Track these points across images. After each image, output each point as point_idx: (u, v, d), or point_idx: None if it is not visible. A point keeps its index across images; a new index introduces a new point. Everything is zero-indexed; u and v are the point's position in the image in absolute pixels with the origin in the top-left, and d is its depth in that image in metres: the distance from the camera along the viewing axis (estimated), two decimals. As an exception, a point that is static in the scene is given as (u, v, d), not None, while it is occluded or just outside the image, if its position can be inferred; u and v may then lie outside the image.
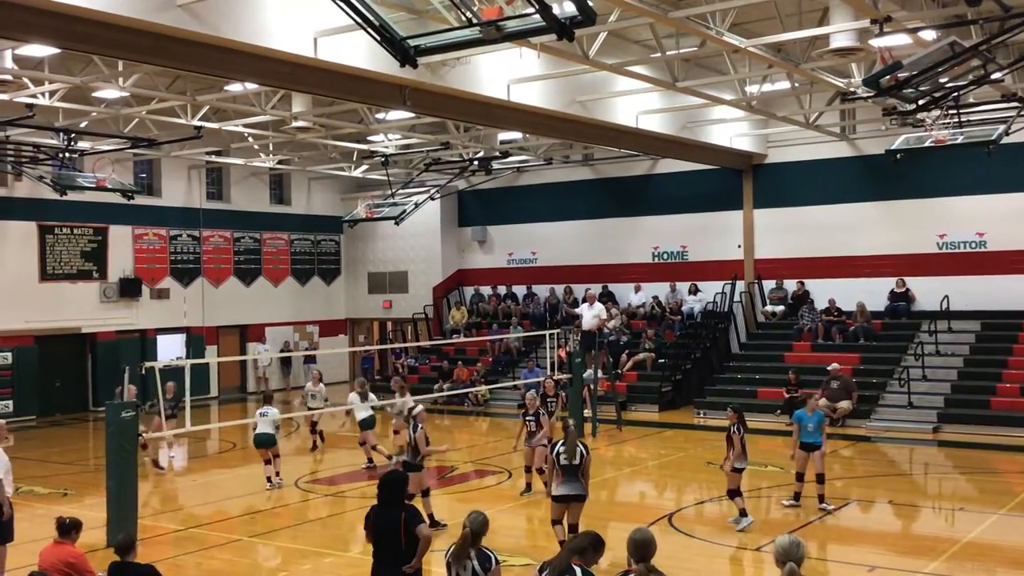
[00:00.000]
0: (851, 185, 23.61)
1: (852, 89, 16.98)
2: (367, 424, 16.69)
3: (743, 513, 12.09)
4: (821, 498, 12.91)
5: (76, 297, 24.98)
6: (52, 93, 17.46)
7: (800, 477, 13.07)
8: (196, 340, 27.32)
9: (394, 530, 7.08)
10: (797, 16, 15.18)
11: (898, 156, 18.20)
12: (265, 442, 15.24)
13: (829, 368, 20.51)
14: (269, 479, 15.24)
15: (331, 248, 31.89)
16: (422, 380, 26.81)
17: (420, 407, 12.98)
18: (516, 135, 23.50)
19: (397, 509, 7.21)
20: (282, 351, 28.71)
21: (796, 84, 18.54)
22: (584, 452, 10.35)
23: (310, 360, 28.43)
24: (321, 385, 18.64)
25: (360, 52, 12.95)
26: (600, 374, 21.12)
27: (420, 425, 12.28)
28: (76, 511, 10.16)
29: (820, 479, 12.94)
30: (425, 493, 12.27)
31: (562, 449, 10.33)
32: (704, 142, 22.50)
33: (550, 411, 15.01)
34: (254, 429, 15.58)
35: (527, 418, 14.11)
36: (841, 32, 13.63)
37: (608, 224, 27.36)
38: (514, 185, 28.82)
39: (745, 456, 12.19)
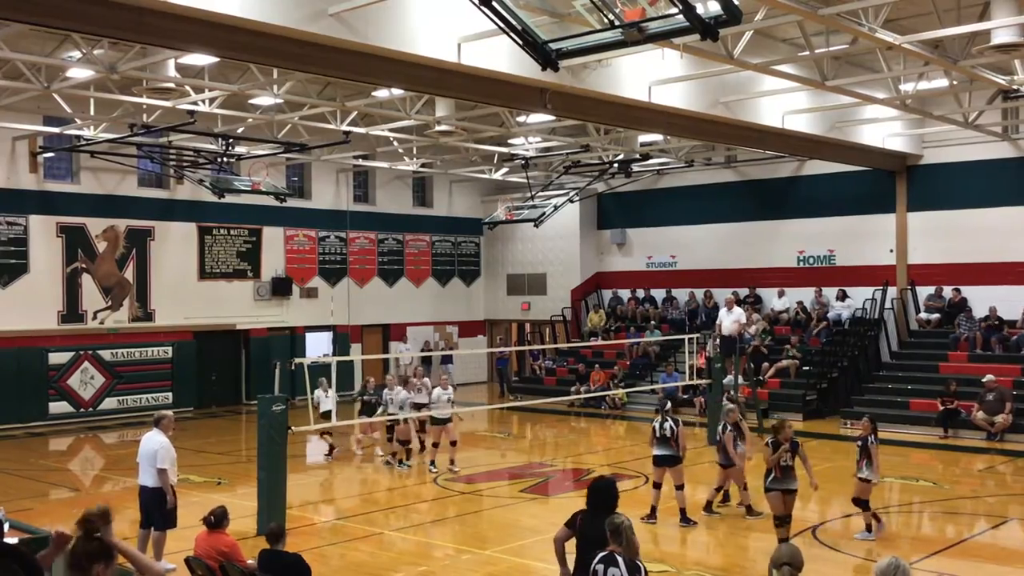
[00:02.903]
0: (1013, 187, 22.30)
1: (1015, 87, 16.08)
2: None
3: (869, 528, 11.70)
4: None
5: (231, 295, 26.18)
6: (211, 100, 18.32)
7: None
8: (342, 338, 28.19)
9: (604, 538, 6.66)
10: (955, 11, 14.46)
11: (1066, 156, 17.15)
12: (439, 421, 16.10)
13: (984, 380, 19.47)
14: (432, 462, 15.83)
15: (471, 250, 32.35)
16: (559, 382, 26.87)
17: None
18: (657, 137, 23.26)
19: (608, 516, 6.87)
20: (423, 350, 29.28)
21: (954, 82, 17.67)
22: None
23: (447, 360, 28.90)
24: (450, 388, 18.83)
25: (502, 56, 13.07)
26: (741, 380, 20.68)
27: None
28: (228, 500, 10.67)
29: None
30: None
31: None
32: (854, 142, 21.70)
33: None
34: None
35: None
36: (1003, 27, 12.93)
37: (751, 227, 26.75)
38: (654, 188, 28.54)
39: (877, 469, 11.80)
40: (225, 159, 21.85)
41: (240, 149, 22.47)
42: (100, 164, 22.95)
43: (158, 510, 10.54)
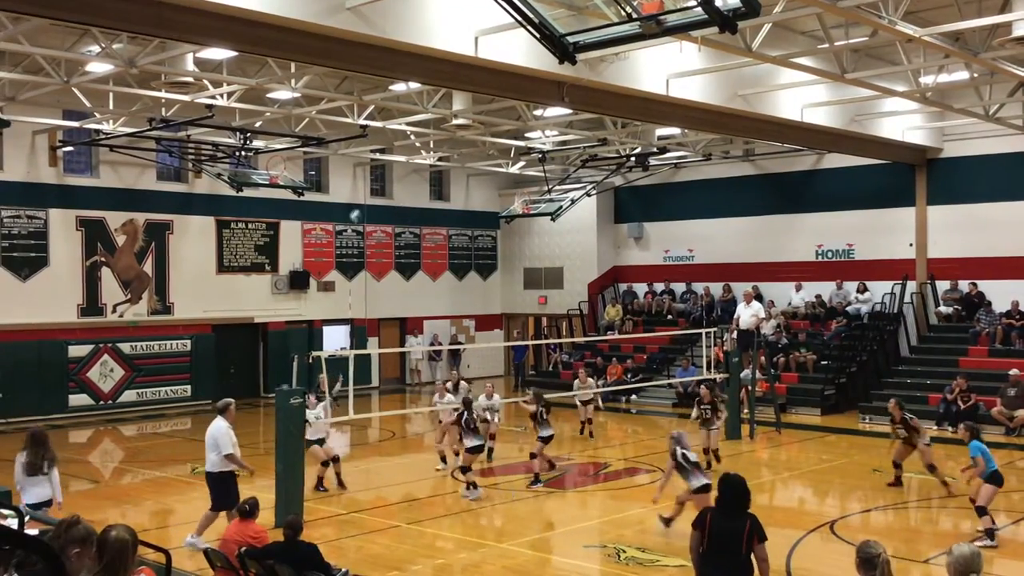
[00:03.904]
0: (1035, 180, 22.12)
1: (1038, 78, 15.91)
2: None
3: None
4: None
5: (250, 288, 26.30)
6: (229, 94, 18.36)
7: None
8: (359, 331, 28.28)
9: (736, 538, 6.62)
10: (976, 3, 14.30)
11: (1089, 149, 16.98)
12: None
13: (1010, 374, 19.33)
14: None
15: (488, 243, 32.37)
16: (576, 376, 26.78)
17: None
18: (674, 131, 23.18)
19: (742, 516, 6.75)
20: (431, 344, 29.35)
21: (975, 74, 17.53)
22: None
23: (455, 354, 29.00)
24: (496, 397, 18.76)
25: (519, 50, 13.06)
26: (758, 374, 20.61)
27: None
28: (246, 491, 10.73)
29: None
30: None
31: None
32: (874, 136, 21.55)
33: (705, 418, 16.20)
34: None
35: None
36: (1026, 18, 12.78)
37: (769, 221, 26.63)
38: (671, 181, 28.45)
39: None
40: (243, 153, 21.93)
41: (258, 143, 22.55)
42: (119, 158, 23.08)
43: (214, 491, 11.21)
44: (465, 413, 14.39)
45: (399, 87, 18.21)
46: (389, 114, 21.31)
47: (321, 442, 14.44)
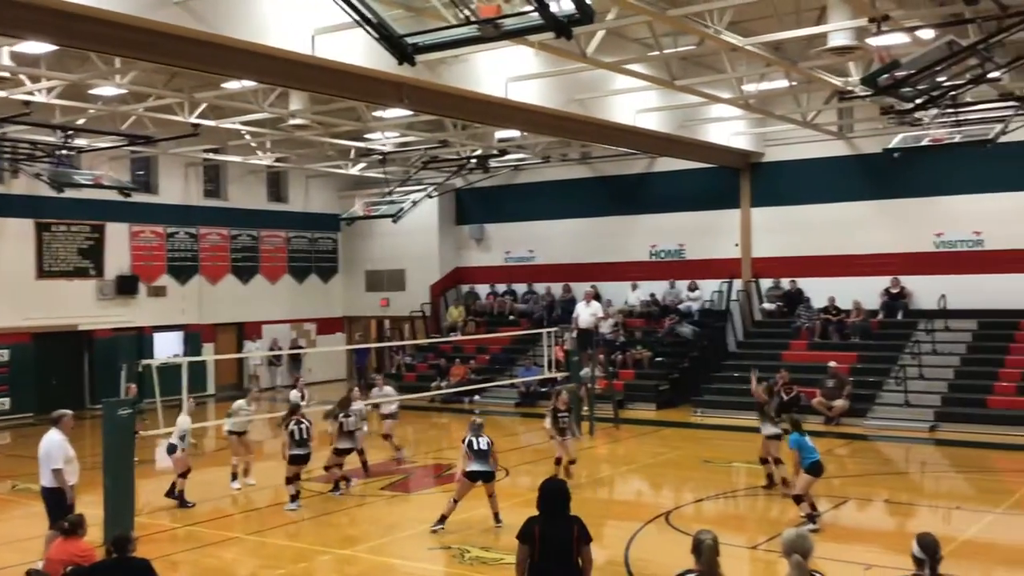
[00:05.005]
0: (848, 184, 23.62)
1: (850, 88, 16.98)
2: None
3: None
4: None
5: (73, 294, 24.95)
6: (49, 90, 17.43)
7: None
8: (193, 338, 27.31)
9: (566, 545, 6.61)
10: (795, 15, 15.19)
11: (895, 155, 18.27)
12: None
13: (829, 365, 20.54)
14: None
15: (328, 246, 31.88)
16: (420, 378, 26.81)
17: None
18: (514, 133, 23.48)
19: (568, 521, 6.75)
20: (271, 349, 28.71)
21: (794, 83, 18.53)
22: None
23: (296, 359, 28.54)
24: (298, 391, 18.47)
25: (358, 50, 12.93)
26: (598, 372, 21.13)
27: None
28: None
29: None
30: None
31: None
32: (702, 140, 22.50)
33: (561, 427, 14.89)
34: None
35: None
36: (839, 31, 13.62)
37: (606, 222, 27.37)
38: (512, 183, 28.81)
39: None
40: (65, 152, 20.78)
41: (81, 141, 21.39)
42: (-76, 156, 21.47)
43: (51, 507, 10.39)
44: (291, 421, 13.86)
45: (233, 85, 17.69)
46: (222, 113, 20.67)
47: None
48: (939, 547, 5.53)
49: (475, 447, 12.07)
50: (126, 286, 25.92)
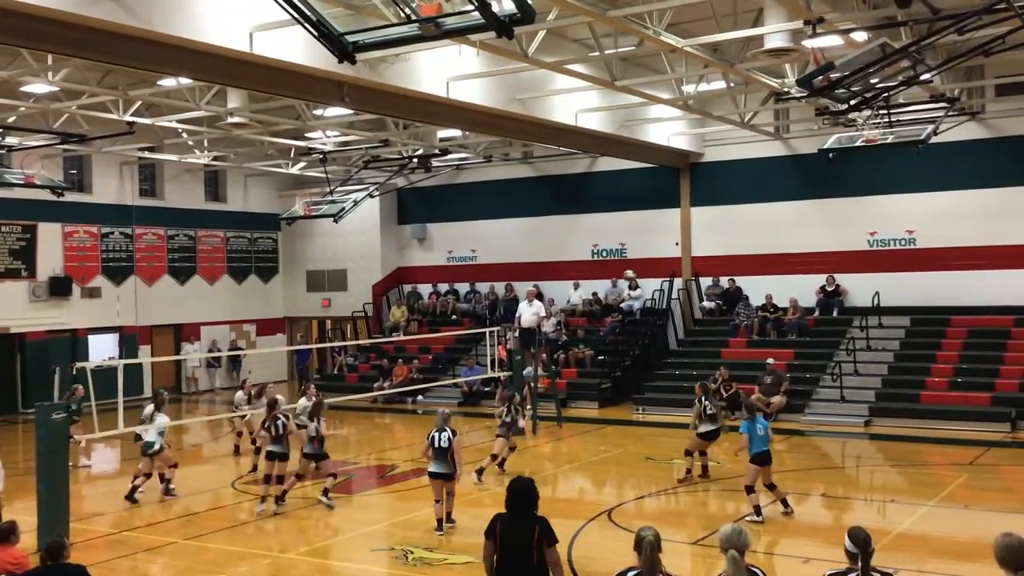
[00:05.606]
0: (785, 184, 24.02)
1: (786, 89, 17.28)
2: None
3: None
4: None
5: (4, 296, 24.31)
6: (-23, 87, 16.98)
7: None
8: (129, 340, 26.78)
9: (526, 544, 6.52)
10: (733, 17, 15.38)
11: (830, 155, 18.61)
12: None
13: (768, 363, 20.85)
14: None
15: (268, 246, 31.50)
16: (362, 379, 26.62)
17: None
18: (456, 132, 23.45)
19: (529, 521, 6.63)
20: (209, 350, 28.31)
21: (731, 84, 18.77)
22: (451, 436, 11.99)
23: (236, 360, 28.17)
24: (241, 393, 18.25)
25: (297, 47, 12.80)
26: (540, 371, 21.19)
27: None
28: (5, 515, 9.92)
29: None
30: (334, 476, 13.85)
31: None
32: (642, 140, 22.70)
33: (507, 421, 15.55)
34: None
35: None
36: (775, 33, 13.82)
37: (548, 222, 27.46)
38: (454, 183, 28.76)
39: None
40: (-7, 150, 20.25)
41: (11, 140, 20.86)
42: None
43: None
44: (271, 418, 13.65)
45: (169, 82, 17.39)
46: (158, 110, 20.30)
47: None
48: (871, 541, 5.62)
49: (436, 443, 12.04)
50: (59, 287, 25.32)
